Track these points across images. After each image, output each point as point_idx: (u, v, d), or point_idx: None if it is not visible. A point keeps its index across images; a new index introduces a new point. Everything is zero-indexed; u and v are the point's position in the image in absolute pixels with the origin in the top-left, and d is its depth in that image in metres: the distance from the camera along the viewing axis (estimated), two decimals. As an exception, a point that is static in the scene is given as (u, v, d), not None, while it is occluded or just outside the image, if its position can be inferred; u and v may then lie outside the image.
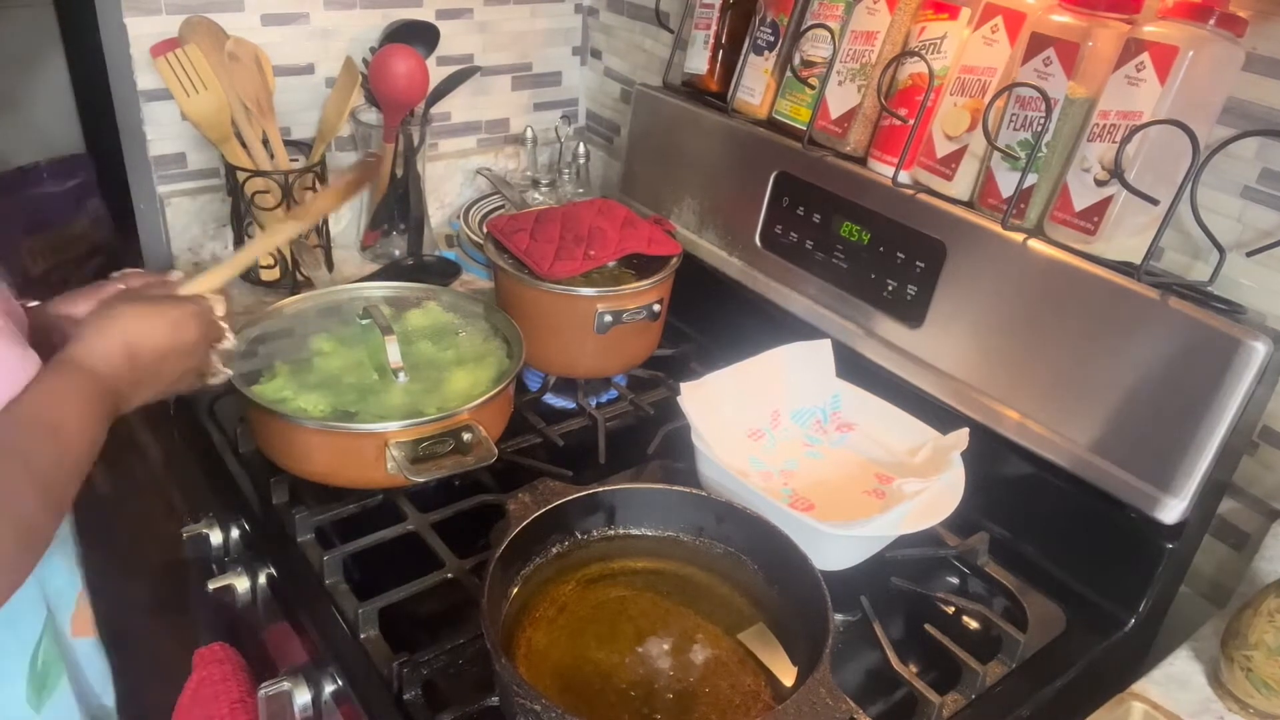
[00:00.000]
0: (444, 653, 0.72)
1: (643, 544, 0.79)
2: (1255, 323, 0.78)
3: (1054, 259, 0.84)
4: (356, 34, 1.28)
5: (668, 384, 1.09)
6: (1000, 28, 0.89)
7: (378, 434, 0.81)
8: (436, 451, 0.83)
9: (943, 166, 0.93)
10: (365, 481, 0.85)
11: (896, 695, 0.75)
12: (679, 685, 0.67)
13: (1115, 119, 0.80)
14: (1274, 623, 0.70)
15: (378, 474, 0.83)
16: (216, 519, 0.93)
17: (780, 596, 0.73)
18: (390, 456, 0.81)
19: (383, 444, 0.81)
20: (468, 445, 0.84)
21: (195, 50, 1.10)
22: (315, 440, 0.83)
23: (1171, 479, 0.78)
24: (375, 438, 0.81)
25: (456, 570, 0.81)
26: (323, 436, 0.82)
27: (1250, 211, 0.81)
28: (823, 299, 1.05)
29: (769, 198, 1.10)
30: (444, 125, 1.42)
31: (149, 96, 1.17)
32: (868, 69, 0.99)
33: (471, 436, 0.84)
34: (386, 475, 0.82)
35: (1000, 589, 0.86)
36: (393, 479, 0.83)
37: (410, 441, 0.81)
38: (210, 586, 0.88)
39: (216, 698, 0.83)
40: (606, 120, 1.54)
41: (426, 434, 0.82)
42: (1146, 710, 0.74)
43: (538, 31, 1.45)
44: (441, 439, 0.83)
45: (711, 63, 1.19)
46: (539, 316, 1.00)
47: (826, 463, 0.94)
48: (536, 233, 1.04)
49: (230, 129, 1.14)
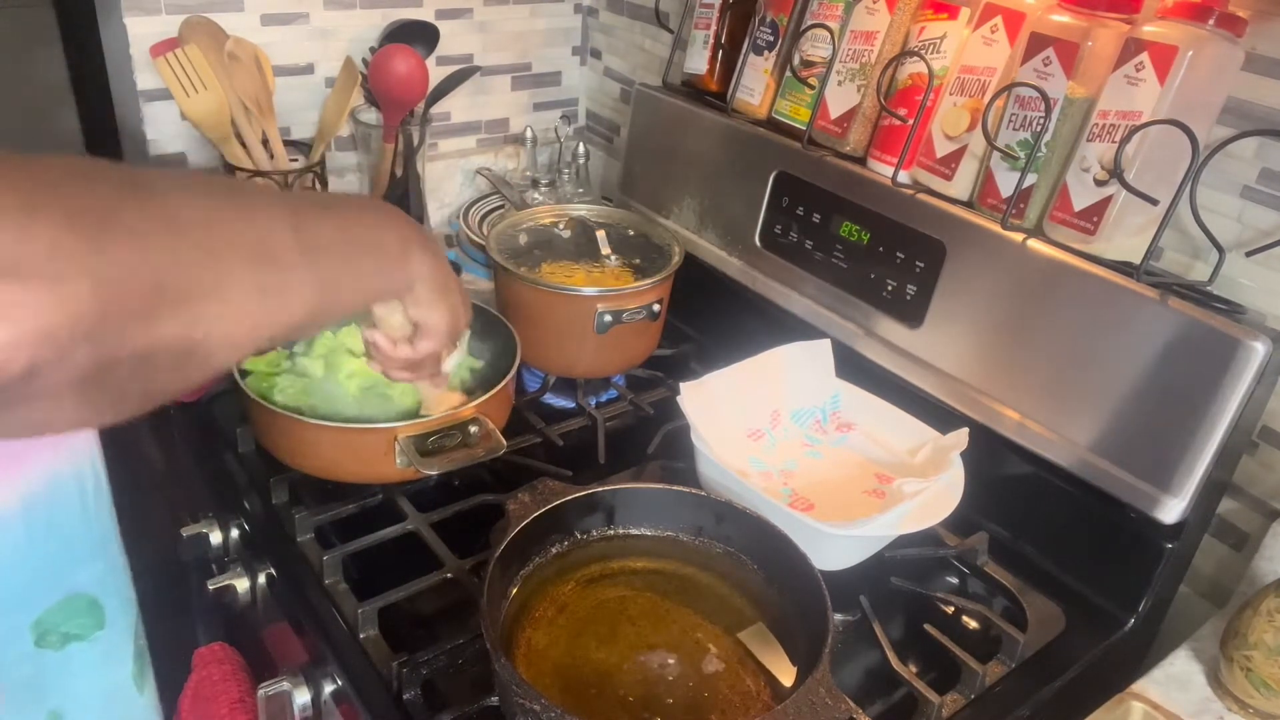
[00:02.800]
0: (444, 653, 0.72)
1: (642, 544, 0.79)
2: (1255, 323, 0.78)
3: (1053, 259, 0.84)
4: (356, 34, 1.28)
5: (667, 384, 1.09)
6: (1000, 28, 0.89)
7: (387, 429, 0.82)
8: (444, 445, 0.84)
9: (942, 166, 0.93)
10: (374, 476, 0.87)
11: (896, 695, 0.75)
12: (678, 685, 0.67)
13: (1115, 119, 0.80)
14: (1274, 623, 0.70)
15: (387, 469, 0.84)
16: (216, 519, 0.93)
17: (780, 596, 0.73)
18: (400, 450, 0.82)
19: (392, 439, 0.83)
20: (474, 438, 0.86)
21: (195, 50, 1.10)
22: (324, 437, 0.84)
23: (1171, 479, 0.78)
24: (385, 433, 0.83)
25: (456, 570, 0.81)
26: (331, 433, 0.83)
27: (1250, 211, 0.81)
28: (822, 299, 1.05)
29: (769, 198, 1.10)
30: (444, 125, 1.42)
31: (149, 96, 1.17)
32: (867, 69, 0.99)
33: (478, 429, 0.86)
34: (396, 470, 0.84)
35: (1000, 589, 0.86)
36: (402, 473, 0.85)
37: (418, 436, 0.83)
38: (210, 586, 0.88)
39: (216, 698, 0.83)
40: (606, 120, 1.54)
41: (433, 428, 0.84)
42: (1146, 710, 0.74)
43: (538, 31, 1.46)
44: (449, 433, 0.85)
45: (711, 63, 1.19)
46: (538, 316, 1.00)
47: (826, 463, 0.94)
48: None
49: (230, 129, 1.14)
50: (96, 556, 0.72)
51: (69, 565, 0.69)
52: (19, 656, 0.67)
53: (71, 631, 0.70)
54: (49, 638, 0.69)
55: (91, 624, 0.71)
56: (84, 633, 0.71)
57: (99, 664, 0.73)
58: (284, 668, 0.80)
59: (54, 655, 0.69)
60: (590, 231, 1.09)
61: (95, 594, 0.71)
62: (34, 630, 0.68)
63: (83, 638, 0.71)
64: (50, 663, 0.69)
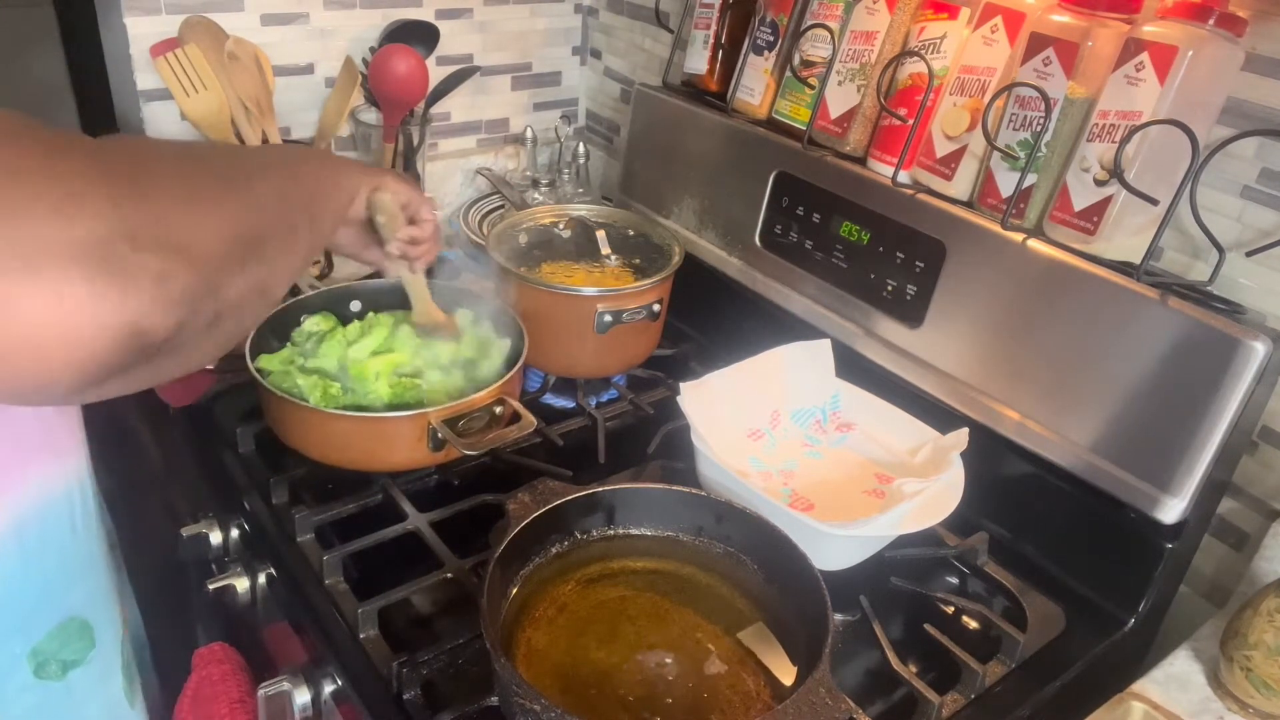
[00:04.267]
0: (444, 653, 0.72)
1: (642, 544, 0.79)
2: (1255, 323, 0.77)
3: (1053, 259, 0.84)
4: (356, 34, 1.28)
5: (667, 384, 1.09)
6: (1000, 27, 0.89)
7: (420, 415, 0.84)
8: (474, 427, 0.87)
9: (942, 166, 0.93)
10: (408, 464, 0.89)
11: (896, 695, 0.75)
12: (678, 685, 0.67)
13: (1115, 119, 0.80)
14: (1274, 623, 0.70)
15: (420, 454, 0.86)
16: (216, 518, 0.93)
17: (780, 596, 0.73)
18: (437, 434, 0.84)
19: (425, 424, 0.84)
20: (500, 418, 0.88)
21: (195, 50, 1.10)
22: (359, 428, 0.85)
23: (1171, 479, 0.78)
24: (419, 419, 0.84)
25: (456, 570, 0.81)
26: (365, 424, 0.85)
27: (1250, 211, 0.81)
28: (822, 299, 1.05)
29: (769, 198, 1.10)
30: (444, 125, 1.42)
31: (149, 96, 1.17)
32: (867, 69, 0.99)
33: (504, 409, 0.88)
34: (428, 455, 0.86)
35: (1000, 589, 0.86)
36: (432, 457, 0.87)
37: (450, 419, 0.85)
38: (210, 586, 0.88)
39: (216, 698, 0.83)
40: (606, 120, 1.54)
41: (463, 410, 0.85)
42: (1146, 710, 0.74)
43: (538, 31, 1.46)
44: (476, 415, 0.87)
45: (711, 63, 1.19)
46: (539, 316, 1.00)
47: (826, 463, 0.94)
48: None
49: (230, 129, 1.14)
50: (86, 576, 0.71)
51: (62, 588, 0.68)
52: (19, 688, 0.66)
53: (69, 658, 0.69)
54: (49, 667, 0.67)
55: (85, 646, 0.70)
56: (79, 657, 0.70)
57: (94, 685, 0.71)
58: (284, 668, 0.79)
59: (56, 685, 0.68)
60: (590, 231, 1.09)
61: (86, 616, 0.70)
62: (32, 660, 0.66)
63: (79, 662, 0.69)
64: (54, 692, 0.68)
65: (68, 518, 0.68)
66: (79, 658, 0.70)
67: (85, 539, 0.70)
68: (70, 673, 0.69)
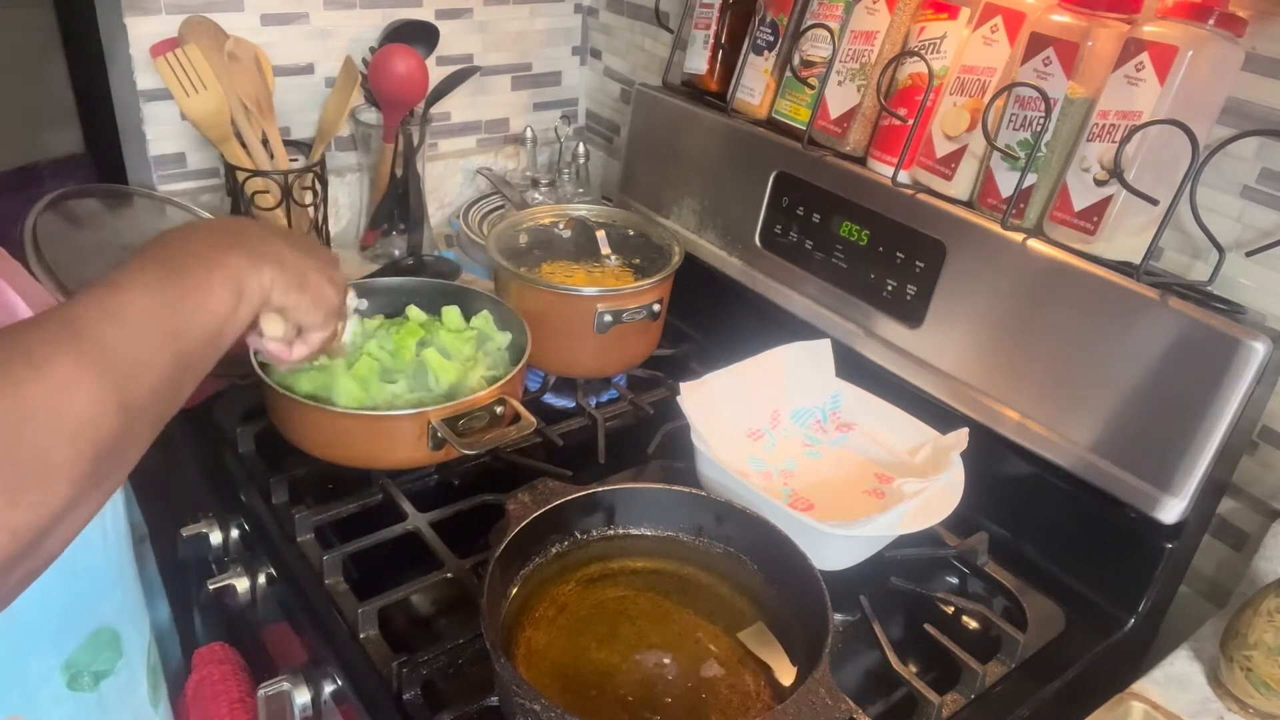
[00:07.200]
0: (444, 653, 0.72)
1: (642, 544, 0.79)
2: (1255, 323, 0.78)
3: (1053, 259, 0.84)
4: (356, 34, 1.28)
5: (667, 384, 1.09)
6: (1000, 27, 0.89)
7: (420, 414, 0.84)
8: (474, 426, 0.86)
9: (942, 166, 0.93)
10: (407, 462, 0.88)
11: (896, 695, 0.75)
12: (678, 685, 0.67)
13: (1115, 119, 0.80)
14: (1274, 623, 0.70)
15: (419, 453, 0.86)
16: (216, 519, 0.93)
17: (780, 596, 0.73)
18: (436, 433, 0.83)
19: (425, 423, 0.84)
20: (500, 418, 0.87)
21: (195, 50, 1.10)
22: (358, 425, 0.85)
23: (1171, 479, 0.78)
24: (418, 417, 0.84)
25: (456, 570, 0.81)
26: (365, 421, 0.85)
27: (1250, 211, 0.81)
28: (822, 299, 1.05)
29: (769, 198, 1.10)
30: (444, 125, 1.42)
31: (149, 96, 1.17)
32: (867, 69, 0.99)
33: (504, 409, 0.87)
34: (428, 454, 0.86)
35: (1000, 589, 0.86)
36: (432, 456, 0.86)
37: (450, 418, 0.84)
38: (210, 586, 0.88)
39: (216, 698, 0.83)
40: (606, 120, 1.54)
41: (464, 410, 0.85)
42: (1146, 710, 0.74)
43: (537, 31, 1.46)
44: (476, 414, 0.86)
45: (711, 63, 1.19)
46: (539, 316, 1.00)
47: (826, 463, 0.94)
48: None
49: (230, 129, 1.14)
50: (115, 585, 0.70)
51: (93, 598, 0.68)
52: (52, 700, 0.65)
53: (101, 669, 0.68)
54: (81, 679, 0.67)
55: (114, 656, 0.70)
56: (109, 667, 0.69)
57: (123, 694, 0.71)
58: (284, 668, 0.79)
59: (89, 697, 0.68)
60: (590, 231, 1.09)
61: (115, 625, 0.70)
62: (65, 672, 0.66)
63: (109, 672, 0.69)
64: (86, 704, 0.68)
65: (99, 527, 0.67)
66: (109, 668, 0.69)
67: (115, 547, 0.70)
68: (102, 683, 0.68)
